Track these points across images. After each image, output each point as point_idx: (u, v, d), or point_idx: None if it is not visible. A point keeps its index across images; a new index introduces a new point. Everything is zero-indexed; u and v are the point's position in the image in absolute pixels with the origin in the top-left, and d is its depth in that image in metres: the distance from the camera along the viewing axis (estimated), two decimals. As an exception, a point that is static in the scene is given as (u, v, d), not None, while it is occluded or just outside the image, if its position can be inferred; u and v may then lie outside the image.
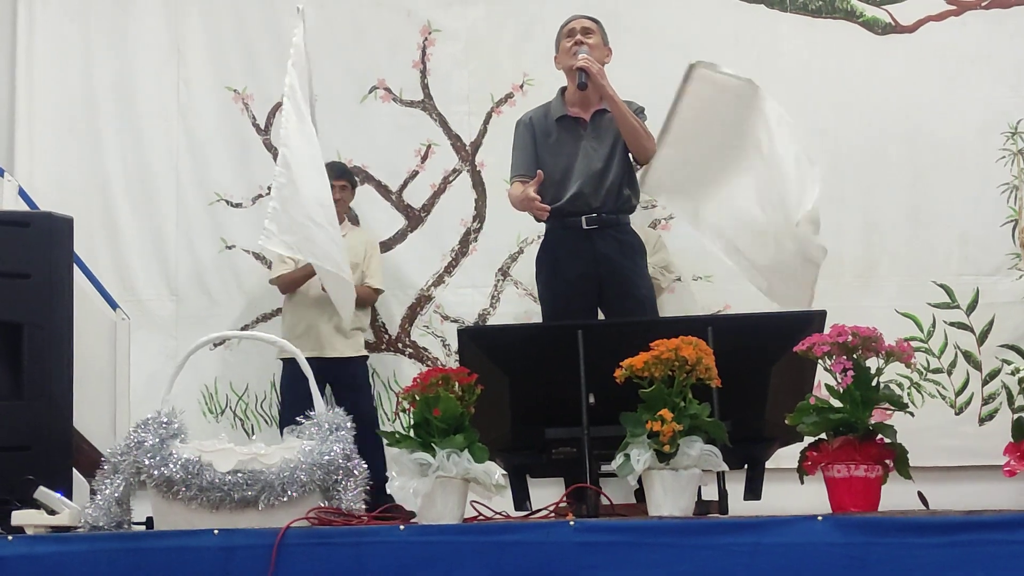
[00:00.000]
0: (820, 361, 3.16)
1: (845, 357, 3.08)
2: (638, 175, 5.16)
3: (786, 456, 3.54)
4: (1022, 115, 6.18)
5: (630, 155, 5.06)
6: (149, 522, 3.38)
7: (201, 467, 3.21)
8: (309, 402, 3.49)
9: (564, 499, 3.49)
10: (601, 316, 5.10)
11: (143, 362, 5.84)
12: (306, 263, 5.84)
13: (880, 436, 3.09)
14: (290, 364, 5.95)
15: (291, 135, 5.32)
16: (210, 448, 3.26)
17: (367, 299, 6.17)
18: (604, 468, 3.50)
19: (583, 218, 4.92)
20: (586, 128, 5.02)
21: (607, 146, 4.99)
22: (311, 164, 5.41)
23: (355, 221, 6.36)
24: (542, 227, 5.16)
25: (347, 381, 6.01)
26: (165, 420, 3.34)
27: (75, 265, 5.11)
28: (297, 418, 3.42)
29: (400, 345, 6.41)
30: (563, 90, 5.13)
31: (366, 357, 6.19)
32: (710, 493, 3.51)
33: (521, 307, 6.28)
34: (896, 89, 6.26)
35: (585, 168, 4.95)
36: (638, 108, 5.10)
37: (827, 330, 3.20)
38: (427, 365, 6.30)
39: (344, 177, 6.09)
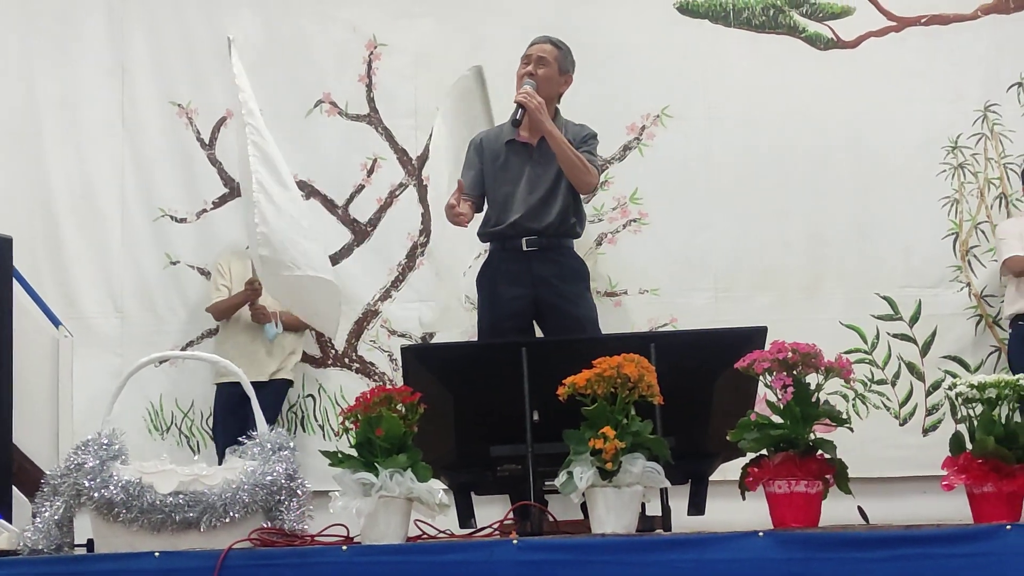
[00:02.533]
0: (760, 377, 3.18)
1: (785, 373, 3.11)
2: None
3: (732, 468, 3.55)
4: (962, 129, 6.26)
5: None
6: (90, 544, 3.34)
7: (142, 489, 3.18)
8: (244, 427, 3.49)
9: (508, 516, 3.49)
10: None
11: (87, 380, 5.78)
12: (238, 291, 6.05)
13: (820, 452, 3.11)
14: (224, 388, 5.98)
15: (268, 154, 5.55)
16: (151, 469, 3.23)
17: (302, 325, 6.16)
18: (549, 484, 3.50)
19: (523, 240, 4.89)
20: (533, 153, 4.96)
21: (553, 172, 4.91)
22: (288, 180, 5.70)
23: None
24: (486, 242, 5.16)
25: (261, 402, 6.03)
26: (106, 441, 3.30)
27: (17, 282, 5.07)
28: (235, 442, 3.41)
29: (347, 360, 6.38)
30: None
31: (288, 382, 6.18)
32: (655, 509, 3.53)
33: (469, 321, 6.26)
34: (839, 104, 6.32)
35: (527, 196, 4.89)
36: (589, 134, 5.02)
37: (768, 346, 3.23)
38: (374, 380, 6.28)
39: None
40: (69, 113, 6.59)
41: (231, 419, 5.80)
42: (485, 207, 5.06)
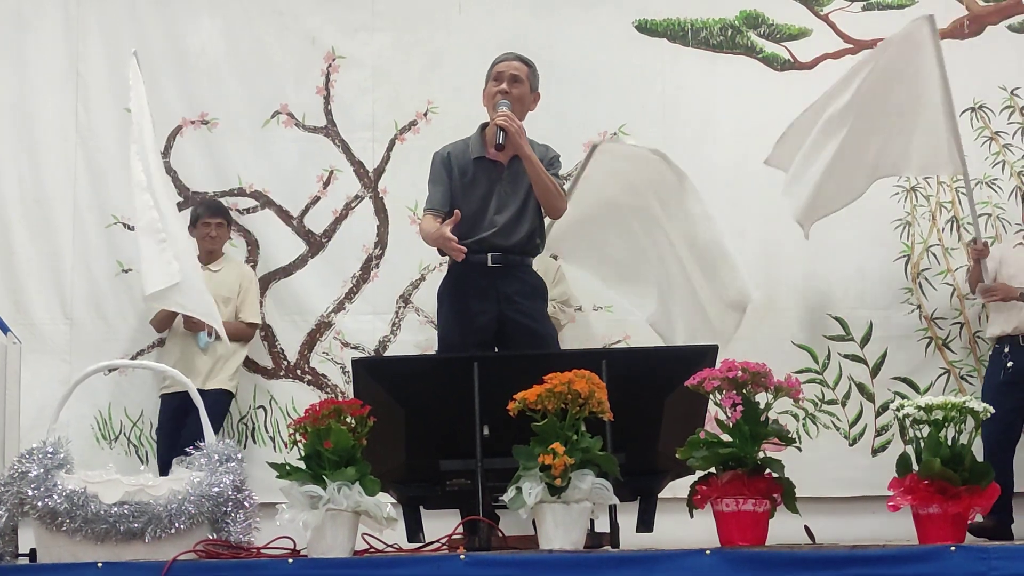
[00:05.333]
0: (711, 396, 3.19)
1: (735, 392, 3.12)
2: None
3: (681, 486, 3.56)
4: (914, 152, 6.31)
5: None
6: (33, 554, 3.30)
7: (86, 498, 3.15)
8: (191, 437, 3.47)
9: (457, 531, 3.49)
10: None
11: (35, 387, 5.70)
12: None
13: (768, 471, 3.13)
14: (166, 399, 5.92)
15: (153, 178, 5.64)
16: (96, 479, 3.20)
17: (242, 335, 6.09)
18: (499, 500, 3.50)
19: (488, 255, 4.82)
20: (502, 173, 4.91)
21: (522, 193, 4.84)
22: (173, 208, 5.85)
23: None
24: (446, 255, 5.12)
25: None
26: (51, 450, 3.27)
27: (-36, 288, 5.01)
28: (175, 453, 3.39)
29: (299, 372, 6.35)
30: (484, 127, 4.92)
31: (229, 393, 6.10)
32: (603, 525, 3.53)
33: (422, 335, 6.26)
34: (795, 124, 6.36)
35: (496, 216, 4.82)
36: (554, 156, 4.95)
37: (719, 364, 3.24)
38: (326, 392, 6.25)
39: (220, 215, 6.13)
40: (22, 118, 6.51)
41: (171, 428, 5.84)
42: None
